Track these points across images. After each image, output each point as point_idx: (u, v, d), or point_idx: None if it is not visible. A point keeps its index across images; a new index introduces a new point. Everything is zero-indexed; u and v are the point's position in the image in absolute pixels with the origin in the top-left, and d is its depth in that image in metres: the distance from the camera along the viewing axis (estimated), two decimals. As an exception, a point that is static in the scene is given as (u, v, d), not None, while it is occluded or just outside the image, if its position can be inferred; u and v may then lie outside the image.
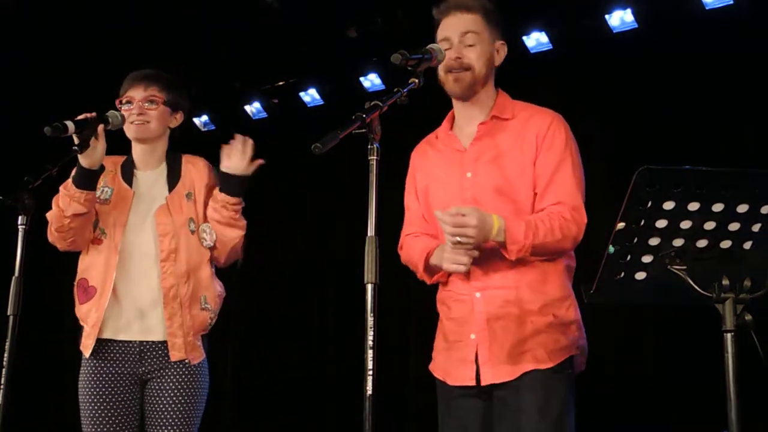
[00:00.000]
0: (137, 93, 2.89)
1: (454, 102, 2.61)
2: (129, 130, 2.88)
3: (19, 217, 2.64)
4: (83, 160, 2.68)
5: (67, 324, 3.02)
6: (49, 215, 2.80)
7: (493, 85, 2.59)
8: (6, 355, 2.58)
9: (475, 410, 2.44)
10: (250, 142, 2.81)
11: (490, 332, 2.41)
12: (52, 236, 2.83)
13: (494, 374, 2.40)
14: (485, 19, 2.53)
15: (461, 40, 2.50)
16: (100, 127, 2.67)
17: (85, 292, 2.83)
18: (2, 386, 2.56)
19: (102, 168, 2.74)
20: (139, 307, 2.81)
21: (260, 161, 2.83)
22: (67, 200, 2.72)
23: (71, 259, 2.94)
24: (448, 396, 2.50)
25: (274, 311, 5.67)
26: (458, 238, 2.28)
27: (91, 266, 2.85)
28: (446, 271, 2.45)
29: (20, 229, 2.64)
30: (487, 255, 2.40)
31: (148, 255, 2.83)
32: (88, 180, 2.71)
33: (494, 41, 2.55)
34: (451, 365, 2.49)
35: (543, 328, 2.41)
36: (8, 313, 2.60)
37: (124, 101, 2.89)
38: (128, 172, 2.93)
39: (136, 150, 2.97)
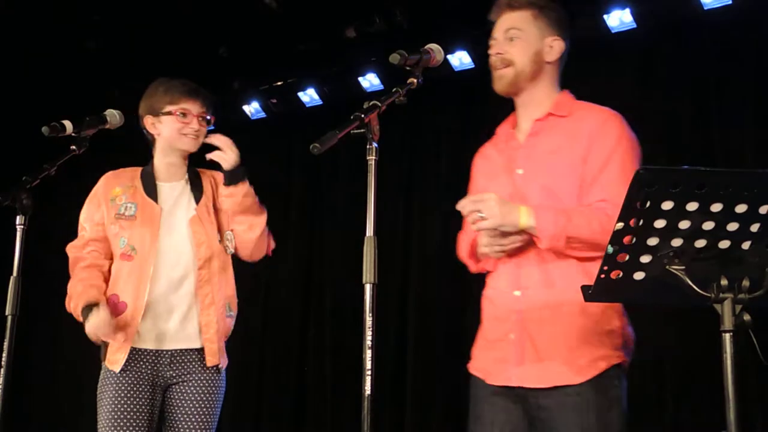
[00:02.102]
0: (194, 107, 2.88)
1: (514, 100, 2.54)
2: (181, 142, 2.87)
3: (17, 217, 2.65)
4: (87, 327, 2.71)
5: (66, 324, 3.02)
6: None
7: (552, 83, 2.51)
8: (5, 355, 2.58)
9: (506, 410, 2.37)
10: (223, 138, 2.81)
11: (527, 333, 2.35)
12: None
13: (520, 377, 2.33)
14: (533, 15, 2.46)
15: (504, 36, 2.45)
16: (104, 306, 2.71)
17: (115, 307, 2.79)
18: (1, 386, 2.56)
19: None
20: (171, 320, 2.81)
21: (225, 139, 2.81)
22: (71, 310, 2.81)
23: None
24: (483, 392, 2.43)
25: (274, 311, 5.66)
26: (479, 215, 2.22)
27: (121, 282, 2.82)
28: (482, 257, 2.42)
29: (18, 229, 2.65)
30: (529, 253, 2.35)
31: (181, 267, 2.83)
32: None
33: (544, 37, 2.47)
34: (490, 364, 2.42)
35: (583, 335, 2.31)
36: (6, 313, 2.60)
37: (178, 112, 2.86)
38: (150, 185, 2.90)
39: (169, 160, 2.94)
